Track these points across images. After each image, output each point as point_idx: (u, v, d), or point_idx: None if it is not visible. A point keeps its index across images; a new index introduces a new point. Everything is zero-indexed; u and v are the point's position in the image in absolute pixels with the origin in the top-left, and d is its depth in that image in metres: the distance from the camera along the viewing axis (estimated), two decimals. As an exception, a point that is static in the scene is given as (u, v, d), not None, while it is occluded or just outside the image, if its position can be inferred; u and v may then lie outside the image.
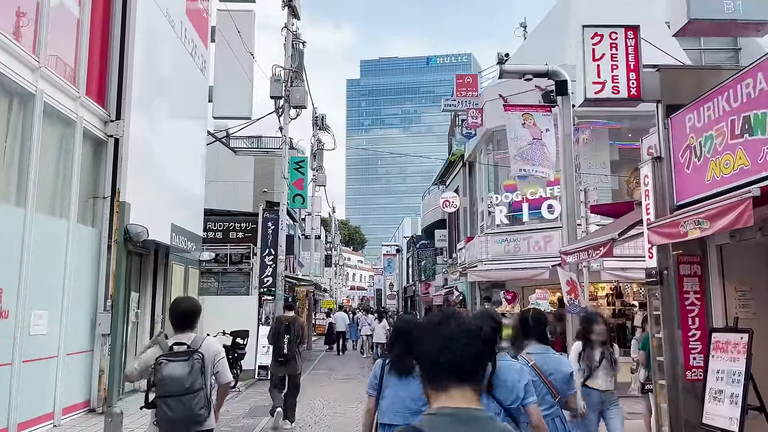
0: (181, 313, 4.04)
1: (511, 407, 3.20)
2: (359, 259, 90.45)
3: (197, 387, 3.72)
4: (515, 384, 3.23)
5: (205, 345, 3.91)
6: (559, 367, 3.86)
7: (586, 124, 14.78)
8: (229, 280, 16.52)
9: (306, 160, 22.56)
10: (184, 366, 3.72)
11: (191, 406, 3.69)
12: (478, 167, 17.91)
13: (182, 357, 3.76)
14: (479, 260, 15.13)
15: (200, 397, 3.74)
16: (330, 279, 46.45)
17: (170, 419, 3.72)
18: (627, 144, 16.08)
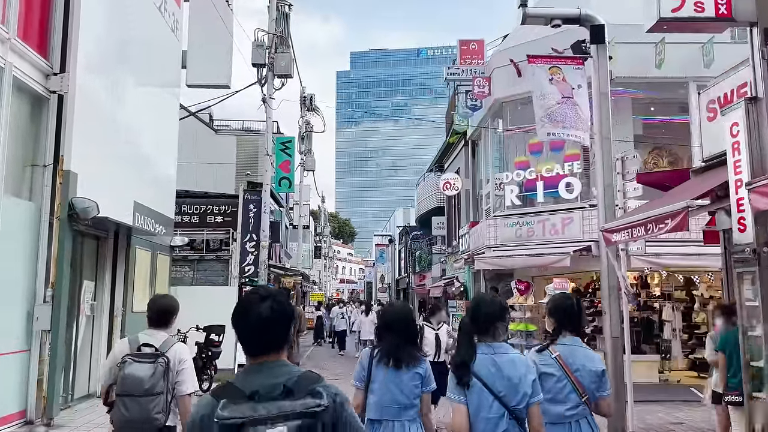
0: (156, 311, 3.97)
1: (518, 408, 2.86)
2: (349, 252, 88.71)
3: (157, 391, 3.66)
4: (521, 380, 2.87)
5: (173, 350, 3.82)
6: (587, 362, 3.36)
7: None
8: (206, 269, 14.78)
9: (293, 140, 20.76)
10: (147, 368, 3.69)
11: (148, 409, 3.64)
12: (483, 145, 16.24)
13: (148, 359, 3.73)
14: (487, 246, 13.47)
15: (159, 402, 3.66)
16: (319, 271, 44.76)
17: (125, 419, 3.68)
18: (650, 118, 14.52)
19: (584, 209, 12.26)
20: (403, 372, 3.57)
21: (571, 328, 3.48)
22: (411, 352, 3.64)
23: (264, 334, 1.88)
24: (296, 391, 1.77)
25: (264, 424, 1.68)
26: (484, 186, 16.29)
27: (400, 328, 3.70)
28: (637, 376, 12.63)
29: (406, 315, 3.87)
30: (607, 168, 8.38)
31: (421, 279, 28.51)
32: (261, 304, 1.88)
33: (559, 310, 3.52)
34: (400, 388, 3.57)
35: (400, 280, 37.78)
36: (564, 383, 3.31)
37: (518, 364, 2.92)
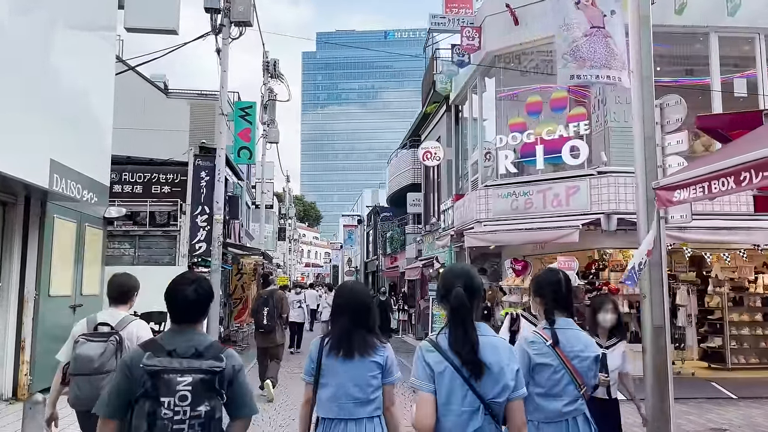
0: (115, 288, 4.00)
1: (495, 402, 2.44)
2: (315, 236, 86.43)
3: (107, 369, 3.66)
4: (503, 369, 2.45)
5: (128, 328, 3.83)
6: (585, 347, 2.99)
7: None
8: (150, 246, 12.69)
9: (254, 106, 18.61)
10: (98, 347, 3.72)
11: (98, 387, 3.62)
12: (470, 108, 14.44)
13: (100, 338, 3.77)
14: (476, 221, 11.71)
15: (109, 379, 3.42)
16: (284, 254, 42.65)
17: (78, 398, 3.73)
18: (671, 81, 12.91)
19: (592, 177, 10.59)
20: (357, 362, 3.11)
21: (563, 308, 3.08)
22: (365, 339, 3.14)
23: (187, 310, 2.54)
24: (204, 354, 2.43)
25: (176, 373, 2.34)
26: (470, 155, 14.51)
27: (353, 311, 3.20)
28: (646, 367, 11.13)
29: (360, 296, 3.31)
30: (648, 116, 6.63)
31: (392, 261, 26.73)
32: (188, 287, 2.54)
33: (547, 287, 3.13)
34: (355, 380, 3.10)
35: (369, 263, 35.94)
36: (561, 374, 2.93)
37: (500, 350, 2.50)
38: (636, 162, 6.75)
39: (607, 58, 6.70)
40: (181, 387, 2.31)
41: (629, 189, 10.37)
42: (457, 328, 2.47)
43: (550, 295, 3.11)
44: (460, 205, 13.36)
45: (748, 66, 11.88)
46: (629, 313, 11.22)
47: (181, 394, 2.31)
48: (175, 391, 2.30)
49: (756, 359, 11.72)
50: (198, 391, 2.33)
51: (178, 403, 2.30)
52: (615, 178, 10.37)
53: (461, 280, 2.57)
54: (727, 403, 9.30)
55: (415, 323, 20.05)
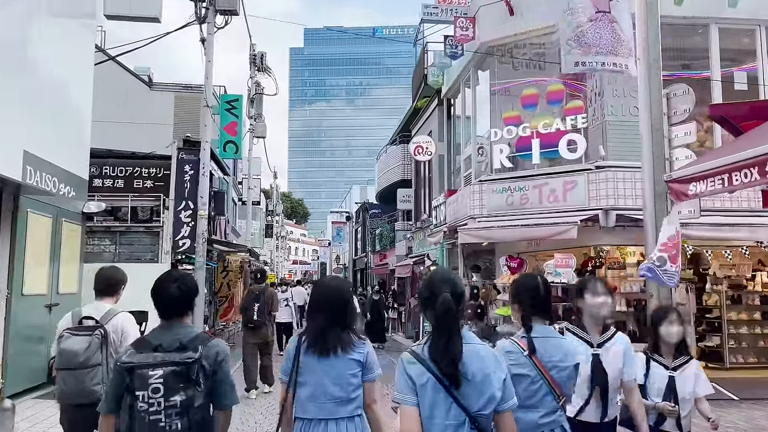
0: (102, 280, 3.99)
1: (481, 414, 2.30)
2: (302, 233, 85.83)
3: (93, 363, 3.67)
4: (489, 378, 2.32)
5: (113, 321, 3.84)
6: (565, 356, 2.84)
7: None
8: (132, 243, 12.22)
9: (240, 99, 18.15)
10: (83, 341, 3.70)
11: (83, 381, 3.65)
12: (463, 101, 14.08)
13: (85, 331, 3.75)
14: (470, 217, 11.36)
15: (95, 374, 3.68)
16: (271, 251, 42.14)
17: (63, 392, 3.73)
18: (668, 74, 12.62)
19: (590, 171, 10.27)
20: (334, 360, 3.01)
21: (541, 314, 2.96)
22: (341, 336, 3.04)
23: (171, 306, 2.71)
24: (188, 346, 2.55)
25: (148, 368, 2.44)
26: (462, 149, 14.16)
27: (330, 308, 3.08)
28: (645, 368, 10.86)
29: (337, 292, 3.17)
30: (655, 106, 6.33)
31: (381, 258, 26.35)
32: (172, 285, 2.71)
33: (525, 292, 2.99)
34: (333, 379, 3.00)
35: (358, 260, 35.54)
36: (539, 385, 2.79)
37: (485, 358, 2.36)
38: (643, 154, 6.44)
39: (613, 44, 6.38)
40: (153, 380, 2.43)
41: (628, 184, 10.09)
42: (441, 336, 2.35)
43: (527, 301, 2.96)
44: (452, 200, 13.01)
45: (745, 60, 11.63)
46: (626, 311, 10.95)
47: (154, 387, 2.43)
48: (148, 384, 2.43)
49: (754, 358, 11.48)
50: (170, 382, 2.45)
51: (152, 395, 2.43)
52: (614, 173, 10.07)
53: (448, 285, 2.45)
54: (728, 404, 9.02)
55: (405, 321, 19.70)
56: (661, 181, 6.21)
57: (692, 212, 6.62)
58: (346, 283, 3.48)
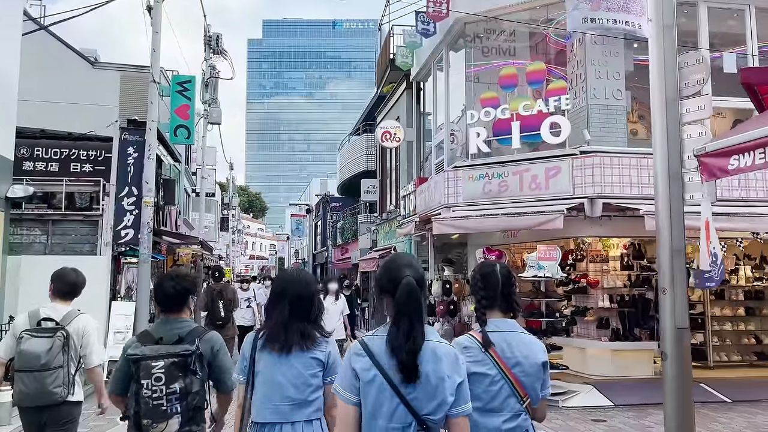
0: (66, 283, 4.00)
1: (431, 418, 2.10)
2: (260, 227, 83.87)
3: (55, 365, 3.68)
4: (443, 381, 2.11)
5: (74, 323, 3.84)
6: (530, 352, 2.56)
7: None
8: (66, 233, 10.90)
9: (193, 81, 16.90)
10: (44, 343, 3.70)
11: (45, 383, 3.66)
12: (434, 83, 13.18)
13: (46, 333, 3.75)
14: (444, 206, 10.48)
15: (57, 376, 3.69)
16: (227, 246, 40.57)
17: (23, 393, 3.73)
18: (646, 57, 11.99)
19: (575, 156, 9.51)
20: (294, 358, 2.76)
21: (502, 307, 2.64)
22: (304, 332, 2.78)
23: (168, 302, 3.04)
24: (185, 339, 2.90)
25: (151, 359, 2.78)
26: (434, 135, 13.28)
27: (293, 301, 2.82)
28: (628, 368, 10.19)
29: (302, 283, 2.91)
30: (670, 74, 5.51)
31: (343, 252, 25.33)
32: (169, 283, 3.05)
33: (480, 282, 2.69)
34: (292, 379, 2.75)
35: (318, 255, 34.42)
36: (500, 385, 2.50)
37: (443, 358, 2.13)
38: (654, 129, 5.61)
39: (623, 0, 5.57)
40: (155, 370, 2.79)
41: (615, 171, 9.37)
42: (402, 325, 2.10)
43: (483, 291, 2.68)
44: (424, 189, 12.11)
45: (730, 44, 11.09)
46: (610, 308, 10.26)
47: (156, 376, 2.79)
48: (151, 374, 2.79)
49: (738, 356, 10.99)
50: (170, 372, 2.80)
51: (154, 383, 2.79)
52: (600, 158, 9.33)
53: (410, 269, 2.21)
54: (723, 407, 8.41)
55: (369, 318, 18.79)
56: (676, 160, 5.41)
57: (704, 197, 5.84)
58: (310, 275, 3.19)
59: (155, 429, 2.81)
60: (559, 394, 8.72)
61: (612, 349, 9.95)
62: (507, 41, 12.41)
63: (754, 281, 11.25)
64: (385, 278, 2.25)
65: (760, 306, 11.21)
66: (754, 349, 11.09)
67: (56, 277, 4.00)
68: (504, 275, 2.68)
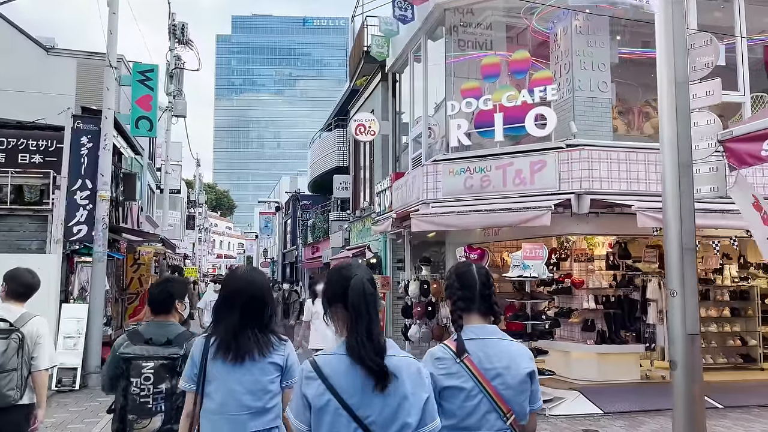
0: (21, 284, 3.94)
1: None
2: (228, 226, 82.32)
3: (9, 367, 3.67)
4: (405, 400, 1.91)
5: (29, 325, 3.81)
6: (512, 362, 2.29)
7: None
8: (13, 229, 9.97)
9: (156, 70, 16.01)
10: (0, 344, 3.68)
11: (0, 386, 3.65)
12: (412, 75, 12.61)
13: (1, 335, 3.70)
14: (423, 201, 9.90)
15: (11, 378, 3.68)
16: (193, 244, 39.45)
17: None
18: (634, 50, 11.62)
19: (561, 150, 9.03)
20: (250, 365, 2.58)
21: (481, 311, 2.36)
22: (259, 338, 2.62)
23: (155, 305, 3.22)
24: (173, 342, 3.06)
25: (142, 359, 2.96)
26: (411, 128, 12.70)
27: (246, 304, 2.63)
28: (614, 372, 9.75)
29: (254, 284, 2.71)
30: (679, 54, 5.01)
31: (314, 251, 24.61)
32: (156, 288, 3.29)
33: (455, 283, 2.43)
34: (248, 386, 2.57)
35: (287, 254, 33.56)
36: (478, 399, 2.22)
37: (405, 374, 1.94)
38: (661, 116, 5.10)
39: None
40: (145, 370, 2.98)
41: (603, 165, 8.91)
42: (361, 326, 1.92)
43: (458, 293, 2.41)
44: (401, 184, 11.51)
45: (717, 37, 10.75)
46: (595, 309, 9.82)
47: (146, 376, 2.98)
48: (141, 373, 2.98)
49: (723, 359, 10.66)
50: (159, 373, 2.99)
51: (143, 382, 2.98)
52: (588, 151, 8.86)
53: (360, 270, 2.05)
54: (716, 414, 7.99)
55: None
56: (687, 150, 4.92)
57: (714, 189, 5.39)
58: (263, 275, 3.00)
59: (139, 425, 2.95)
60: (545, 401, 8.23)
61: (598, 353, 9.50)
62: (486, 32, 11.92)
63: (740, 281, 10.95)
64: (334, 286, 2.07)
65: (745, 306, 10.92)
66: (740, 351, 10.79)
67: (10, 277, 3.93)
68: (482, 274, 2.44)
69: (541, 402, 2.40)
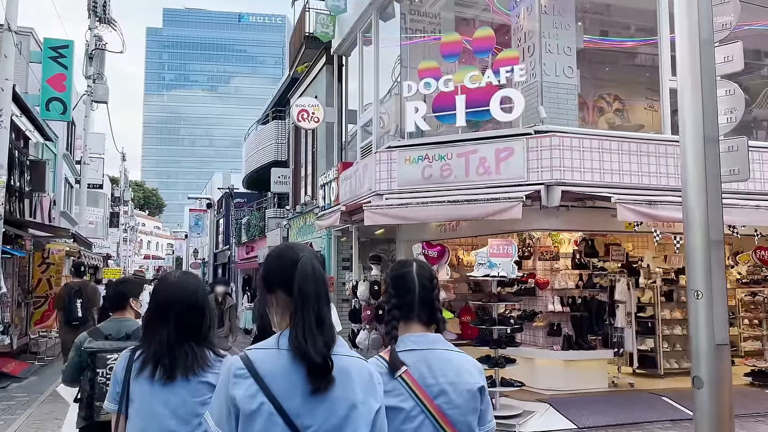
0: None
1: None
2: (156, 225, 78.71)
3: None
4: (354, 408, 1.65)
5: None
6: (458, 377, 1.97)
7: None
8: None
9: (71, 46, 14.37)
10: None
11: None
12: (361, 57, 11.56)
13: None
14: (376, 192, 8.86)
15: None
16: (118, 244, 36.97)
17: None
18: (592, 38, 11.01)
19: (529, 137, 8.19)
20: (179, 385, 2.23)
21: (423, 317, 2.04)
22: (194, 353, 2.27)
23: (112, 302, 3.52)
24: (132, 336, 3.25)
25: (107, 352, 3.17)
26: (359, 115, 11.63)
27: (179, 314, 2.31)
28: (582, 381, 9.01)
29: (189, 291, 2.36)
30: (703, 4, 4.19)
31: (248, 251, 23.13)
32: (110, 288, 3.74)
33: (396, 286, 2.08)
34: (173, 409, 2.21)
35: (219, 254, 31.78)
36: (419, 421, 1.90)
37: (355, 377, 1.67)
38: (682, 81, 4.22)
39: None
40: (110, 361, 3.14)
41: (576, 153, 8.13)
42: (309, 313, 1.63)
43: (394, 298, 2.04)
44: (349, 175, 10.42)
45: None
46: (562, 312, 9.04)
47: (110, 366, 3.09)
48: (106, 364, 3.17)
49: (688, 363, 10.10)
50: None
51: (108, 372, 3.09)
52: (559, 138, 8.06)
53: (306, 252, 1.76)
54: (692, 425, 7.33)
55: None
56: (713, 121, 4.07)
57: (734, 171, 4.59)
58: (198, 280, 2.52)
59: (105, 410, 2.87)
60: (514, 416, 7.35)
61: (565, 360, 8.73)
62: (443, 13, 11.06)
63: (703, 281, 10.47)
64: (275, 269, 1.74)
65: (709, 308, 10.44)
66: (703, 355, 10.29)
67: None
68: (424, 276, 2.10)
69: (494, 423, 2.04)
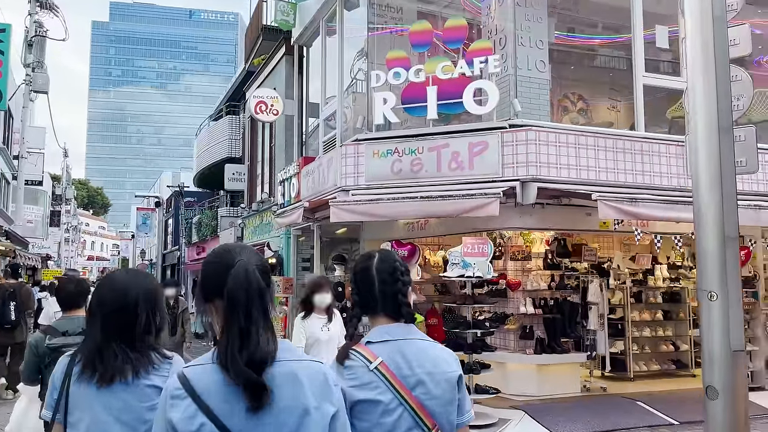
0: None
1: None
2: (101, 225, 75.79)
3: None
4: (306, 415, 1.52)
5: None
6: (435, 366, 1.93)
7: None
8: None
9: (8, 31, 13.37)
10: None
11: None
12: (324, 46, 10.99)
13: None
14: (341, 188, 8.32)
15: None
16: (59, 244, 35.17)
17: None
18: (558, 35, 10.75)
19: (505, 131, 7.81)
20: (122, 388, 2.04)
21: (390, 311, 1.95)
22: (130, 354, 2.07)
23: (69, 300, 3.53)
24: None
25: (67, 347, 2.79)
26: (322, 108, 11.06)
27: (115, 314, 2.13)
28: (554, 386, 8.66)
29: (115, 292, 2.17)
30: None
31: (199, 251, 22.14)
32: (70, 285, 3.61)
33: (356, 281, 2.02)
34: (117, 414, 2.03)
35: (168, 255, 30.53)
36: (398, 414, 1.83)
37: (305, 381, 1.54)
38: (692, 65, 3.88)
39: None
40: None
41: (552, 149, 7.78)
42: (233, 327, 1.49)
43: (358, 295, 2.00)
44: (311, 170, 9.83)
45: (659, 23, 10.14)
46: (534, 314, 8.70)
47: None
48: None
49: (657, 365, 9.98)
50: None
51: None
52: (536, 133, 7.71)
53: (246, 254, 1.61)
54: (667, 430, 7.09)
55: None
56: (727, 105, 3.73)
57: (742, 163, 4.27)
58: (145, 279, 2.26)
59: None
60: (489, 426, 6.94)
61: (538, 364, 8.38)
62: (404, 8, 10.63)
63: (671, 282, 10.35)
64: (210, 275, 1.59)
65: (677, 309, 10.33)
66: (671, 357, 10.17)
67: None
68: (383, 270, 1.95)
69: (472, 414, 2.00)
